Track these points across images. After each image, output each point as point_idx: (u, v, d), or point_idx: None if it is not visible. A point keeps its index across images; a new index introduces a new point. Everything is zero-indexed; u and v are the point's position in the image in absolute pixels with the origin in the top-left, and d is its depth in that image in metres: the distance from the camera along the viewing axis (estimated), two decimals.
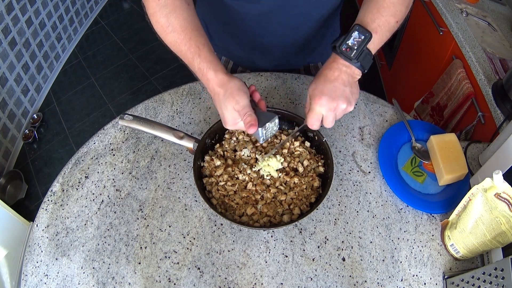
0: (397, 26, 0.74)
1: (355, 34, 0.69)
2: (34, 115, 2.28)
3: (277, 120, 0.71)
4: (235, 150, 0.85)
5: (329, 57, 0.72)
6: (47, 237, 0.78)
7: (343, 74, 0.69)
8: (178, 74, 2.51)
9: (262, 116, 0.70)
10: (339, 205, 0.83)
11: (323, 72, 0.70)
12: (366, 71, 0.71)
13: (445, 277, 0.74)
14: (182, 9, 0.72)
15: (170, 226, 0.79)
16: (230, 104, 0.68)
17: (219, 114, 0.71)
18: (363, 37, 0.69)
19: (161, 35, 0.73)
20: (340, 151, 0.91)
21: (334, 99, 0.67)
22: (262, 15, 0.87)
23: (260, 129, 0.69)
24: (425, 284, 0.74)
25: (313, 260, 0.76)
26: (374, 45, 0.71)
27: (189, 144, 0.79)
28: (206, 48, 0.71)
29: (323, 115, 0.69)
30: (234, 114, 0.69)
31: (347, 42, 0.69)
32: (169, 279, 0.73)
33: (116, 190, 0.84)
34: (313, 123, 0.70)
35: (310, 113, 0.70)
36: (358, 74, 0.71)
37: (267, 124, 0.69)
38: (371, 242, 0.78)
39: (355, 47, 0.68)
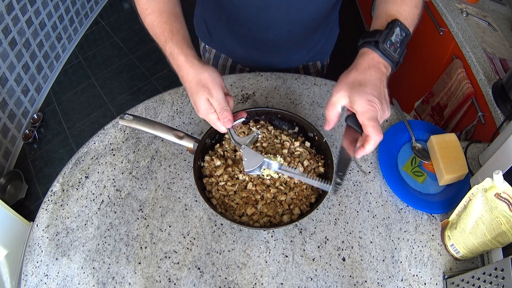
0: (418, 19, 0.69)
1: (397, 30, 0.62)
2: (34, 115, 2.28)
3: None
4: (235, 150, 0.85)
5: (361, 52, 0.64)
6: (47, 237, 0.78)
7: (384, 76, 0.61)
8: None
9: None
10: (339, 205, 0.83)
11: (359, 75, 0.61)
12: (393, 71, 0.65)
13: (445, 277, 0.74)
14: None
15: (170, 226, 0.79)
16: (204, 95, 0.65)
17: (190, 99, 0.69)
18: (404, 34, 0.62)
19: (141, 16, 0.73)
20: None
21: (373, 102, 0.58)
22: (259, 10, 0.87)
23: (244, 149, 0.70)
24: (425, 284, 0.74)
25: (313, 260, 0.76)
26: None
27: (189, 144, 0.79)
28: (180, 33, 0.69)
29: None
30: (207, 106, 0.66)
31: (390, 39, 0.61)
32: (169, 279, 0.73)
33: (116, 190, 0.84)
34: (375, 126, 0.58)
35: (366, 120, 0.58)
36: (388, 71, 0.63)
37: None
38: (371, 242, 0.78)
39: (398, 45, 0.62)
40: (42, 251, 0.76)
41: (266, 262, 0.75)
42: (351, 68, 0.63)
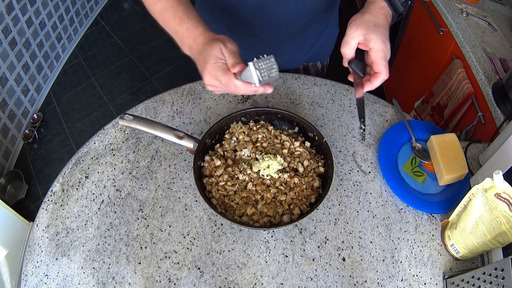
0: None
1: None
2: (34, 115, 2.28)
3: (273, 59, 0.63)
4: (235, 150, 0.85)
5: (370, 1, 0.71)
6: (47, 237, 0.78)
7: (388, 24, 0.69)
8: (178, 74, 2.51)
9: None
10: (339, 205, 0.83)
11: (373, 17, 0.67)
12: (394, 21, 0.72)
13: (445, 277, 0.74)
14: None
15: (170, 226, 0.79)
16: (218, 45, 0.65)
17: (199, 59, 0.67)
18: None
19: (149, 6, 0.74)
20: (340, 151, 0.91)
21: (386, 43, 0.66)
22: (257, 8, 0.87)
23: (251, 64, 0.61)
24: (425, 284, 0.74)
25: (313, 260, 0.76)
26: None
27: (189, 144, 0.79)
28: (196, 13, 0.71)
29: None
30: (219, 54, 0.65)
31: None
32: (169, 279, 0.73)
33: (116, 190, 0.84)
34: (386, 66, 0.65)
35: (378, 58, 0.65)
36: (391, 20, 0.70)
37: (260, 61, 0.61)
38: (371, 242, 0.78)
39: None
40: (42, 251, 0.76)
41: (266, 262, 0.75)
42: (364, 12, 0.69)
